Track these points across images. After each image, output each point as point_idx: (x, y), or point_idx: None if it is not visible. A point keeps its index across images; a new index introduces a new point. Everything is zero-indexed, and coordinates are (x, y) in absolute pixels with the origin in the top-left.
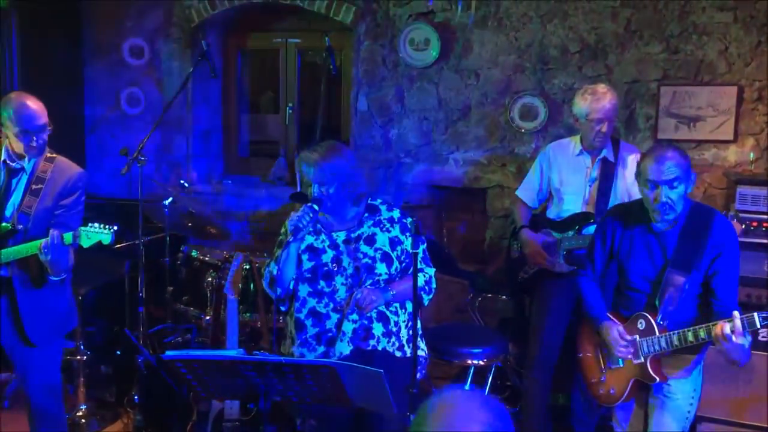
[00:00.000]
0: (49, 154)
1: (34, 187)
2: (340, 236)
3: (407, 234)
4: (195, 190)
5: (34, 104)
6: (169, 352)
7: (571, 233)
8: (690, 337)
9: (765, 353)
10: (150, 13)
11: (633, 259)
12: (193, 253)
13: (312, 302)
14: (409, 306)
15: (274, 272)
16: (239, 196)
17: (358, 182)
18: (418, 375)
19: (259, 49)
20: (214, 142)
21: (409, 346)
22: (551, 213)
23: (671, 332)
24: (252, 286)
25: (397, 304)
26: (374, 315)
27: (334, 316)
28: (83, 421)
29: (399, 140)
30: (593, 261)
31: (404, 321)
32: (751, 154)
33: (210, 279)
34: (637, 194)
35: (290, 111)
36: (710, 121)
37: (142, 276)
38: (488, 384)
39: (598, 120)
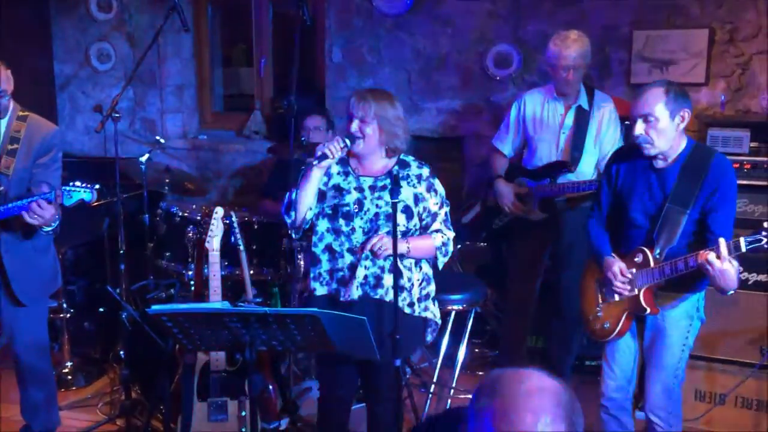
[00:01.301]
0: (21, 113)
1: (9, 147)
2: (366, 181)
3: (432, 192)
4: (170, 145)
5: None
6: (154, 307)
7: (546, 181)
8: (680, 265)
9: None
10: None
11: (633, 195)
12: (173, 209)
13: (329, 238)
14: (424, 265)
15: (293, 196)
16: (215, 151)
17: (397, 135)
18: (429, 338)
19: (229, 0)
20: (188, 97)
21: (419, 305)
22: (526, 161)
23: (664, 263)
24: (232, 239)
25: (412, 262)
26: (387, 266)
27: (348, 257)
28: (70, 377)
29: None
30: (600, 202)
31: (418, 280)
32: (722, 96)
33: (190, 234)
34: (609, 143)
35: (264, 63)
36: (682, 64)
37: (122, 233)
38: (468, 329)
39: (564, 67)
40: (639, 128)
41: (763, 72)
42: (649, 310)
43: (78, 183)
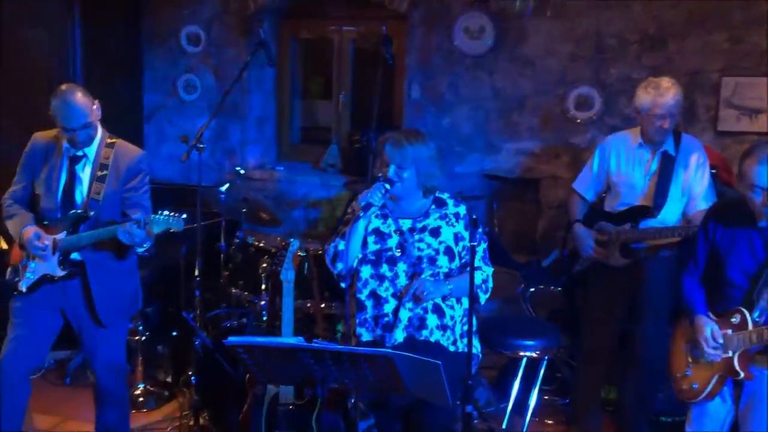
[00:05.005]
0: (109, 140)
1: (99, 173)
2: (406, 224)
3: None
4: (248, 176)
5: (78, 101)
6: (231, 338)
7: (627, 226)
8: None
9: None
10: (207, 1)
11: (733, 254)
12: (249, 239)
13: (373, 284)
14: (466, 302)
15: (340, 247)
16: (291, 182)
17: (434, 174)
18: (472, 371)
19: (312, 36)
20: (268, 129)
21: (462, 341)
22: (608, 206)
23: (764, 326)
24: (307, 272)
25: (454, 299)
26: (430, 306)
27: (393, 302)
28: (141, 399)
29: (452, 129)
30: (696, 257)
31: (460, 316)
32: None
33: (265, 265)
34: (698, 187)
35: (343, 99)
36: None
37: (200, 260)
38: (540, 376)
39: (659, 116)
40: None
41: None
42: (743, 375)
43: (166, 212)
